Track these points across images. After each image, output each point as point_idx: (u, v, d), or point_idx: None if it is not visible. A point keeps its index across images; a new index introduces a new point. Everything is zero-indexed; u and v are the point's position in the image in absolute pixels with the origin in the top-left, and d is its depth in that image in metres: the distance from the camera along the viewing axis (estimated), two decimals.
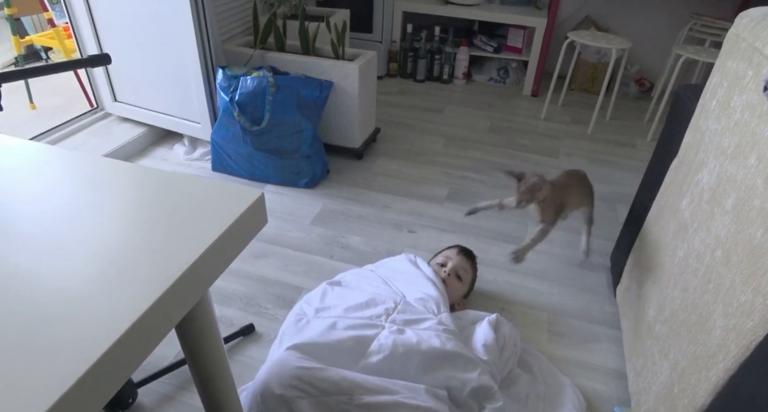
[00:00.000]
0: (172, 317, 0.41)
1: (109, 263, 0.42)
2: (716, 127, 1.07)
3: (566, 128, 2.79)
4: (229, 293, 1.56)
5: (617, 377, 1.33)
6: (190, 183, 0.53)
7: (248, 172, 2.13)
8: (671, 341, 1.03)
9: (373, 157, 2.39)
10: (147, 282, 0.40)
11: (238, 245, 0.48)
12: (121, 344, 0.35)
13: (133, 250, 0.44)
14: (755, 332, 0.75)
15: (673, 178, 1.25)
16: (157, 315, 0.38)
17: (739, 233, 0.87)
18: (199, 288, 0.44)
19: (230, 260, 0.47)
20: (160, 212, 0.49)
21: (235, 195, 0.49)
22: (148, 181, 0.53)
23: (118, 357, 0.36)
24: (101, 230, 0.46)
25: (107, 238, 0.45)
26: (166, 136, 2.45)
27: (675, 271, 1.09)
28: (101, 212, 0.49)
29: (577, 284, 1.66)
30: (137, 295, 0.39)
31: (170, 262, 0.41)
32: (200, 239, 0.43)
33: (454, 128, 2.72)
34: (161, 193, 0.52)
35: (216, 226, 0.45)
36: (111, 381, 0.36)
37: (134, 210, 0.49)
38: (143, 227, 0.47)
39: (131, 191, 0.52)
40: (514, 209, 1.45)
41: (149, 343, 0.39)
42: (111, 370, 0.35)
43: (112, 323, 0.36)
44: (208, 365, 0.59)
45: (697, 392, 0.86)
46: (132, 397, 1.22)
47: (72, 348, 0.35)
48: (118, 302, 0.38)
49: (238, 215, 0.46)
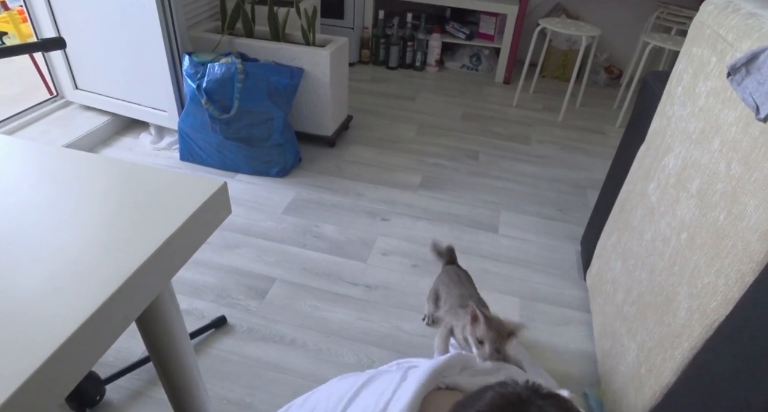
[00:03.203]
0: (129, 312, 0.39)
1: (64, 260, 0.40)
2: (682, 113, 1.09)
3: (538, 115, 2.81)
4: (200, 285, 1.53)
5: (587, 359, 1.36)
6: (150, 174, 0.51)
7: (218, 162, 2.08)
8: (639, 322, 1.05)
9: (345, 144, 2.36)
10: (102, 278, 0.38)
11: (200, 237, 0.46)
12: (72, 342, 0.34)
13: (89, 246, 0.42)
14: (718, 311, 0.77)
15: (641, 164, 1.28)
16: (112, 312, 0.37)
17: (703, 217, 0.88)
18: (158, 282, 0.42)
19: (191, 251, 0.46)
20: (119, 205, 0.47)
21: (197, 185, 0.47)
22: (107, 174, 0.51)
23: (71, 355, 0.34)
24: (59, 226, 0.44)
25: (64, 234, 0.43)
26: (131, 125, 2.37)
27: (643, 254, 1.11)
28: (59, 207, 0.46)
29: (548, 269, 1.68)
30: (91, 292, 0.37)
31: (126, 257, 0.39)
32: (159, 231, 0.42)
33: (426, 116, 2.72)
34: (120, 186, 0.50)
35: (175, 218, 0.43)
36: (65, 379, 0.35)
37: (92, 204, 0.47)
38: (101, 222, 0.45)
39: (90, 185, 0.50)
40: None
41: (105, 340, 0.37)
42: (64, 368, 0.34)
43: (63, 322, 0.34)
44: (172, 360, 0.57)
45: (663, 371, 0.89)
46: (99, 394, 1.19)
47: (21, 348, 0.33)
48: (70, 300, 0.36)
49: (198, 205, 0.44)
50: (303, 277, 1.59)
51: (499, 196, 2.06)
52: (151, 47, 1.97)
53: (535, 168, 2.29)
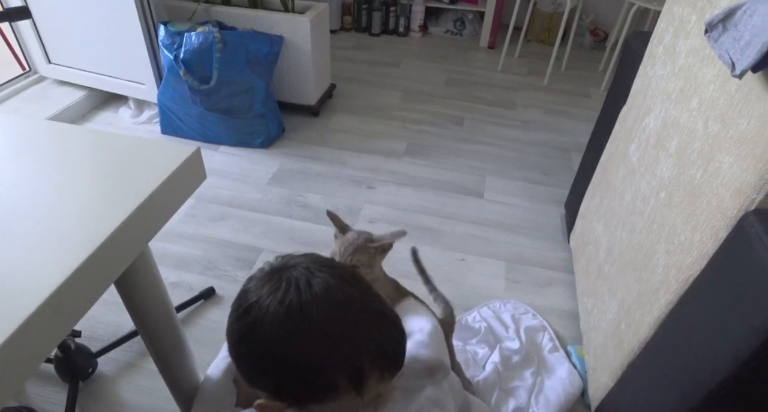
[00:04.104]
0: (106, 276, 0.40)
1: (37, 227, 0.40)
2: (662, 73, 1.08)
3: (523, 80, 2.79)
4: (187, 258, 1.54)
5: (570, 318, 1.39)
6: (122, 142, 0.50)
7: (200, 134, 2.05)
8: (619, 280, 1.08)
9: (329, 113, 2.34)
10: (76, 243, 0.38)
11: (175, 202, 0.46)
12: (48, 305, 0.34)
13: (62, 212, 0.42)
14: (693, 267, 0.79)
15: (623, 125, 1.28)
16: (88, 275, 0.37)
17: (680, 175, 0.90)
18: (134, 246, 0.42)
19: (166, 217, 0.46)
20: (91, 172, 0.46)
21: (170, 152, 0.47)
22: (79, 142, 0.50)
23: (48, 319, 0.34)
24: (30, 194, 0.44)
25: (36, 202, 0.43)
26: (109, 100, 2.32)
27: (623, 214, 1.13)
28: (30, 175, 0.46)
29: (533, 232, 1.71)
30: (66, 256, 0.37)
31: (100, 222, 0.39)
32: (132, 197, 0.42)
33: (411, 82, 2.69)
34: (93, 154, 0.49)
35: (149, 183, 0.43)
36: (43, 343, 0.35)
37: (65, 172, 0.46)
38: (74, 189, 0.44)
39: (62, 153, 0.49)
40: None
41: (82, 304, 0.38)
42: (41, 331, 0.34)
43: (38, 287, 0.35)
44: (157, 327, 0.58)
45: (641, 326, 0.91)
46: (91, 367, 1.20)
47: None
48: (45, 264, 0.37)
49: (171, 171, 0.44)
50: (290, 247, 1.60)
51: (485, 161, 2.07)
52: (124, 17, 1.91)
53: (520, 133, 2.29)
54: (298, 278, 0.54)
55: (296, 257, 0.59)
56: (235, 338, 0.56)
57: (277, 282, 0.54)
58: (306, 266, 0.56)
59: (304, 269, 0.56)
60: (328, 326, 0.53)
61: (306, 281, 0.54)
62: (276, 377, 0.55)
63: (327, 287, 0.54)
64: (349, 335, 0.54)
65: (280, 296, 0.53)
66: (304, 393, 0.56)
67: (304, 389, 0.55)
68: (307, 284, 0.54)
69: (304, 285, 0.54)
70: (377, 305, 0.59)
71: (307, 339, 0.53)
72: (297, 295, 0.53)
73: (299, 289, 0.53)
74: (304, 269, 0.56)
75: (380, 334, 0.56)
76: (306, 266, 0.56)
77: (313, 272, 0.55)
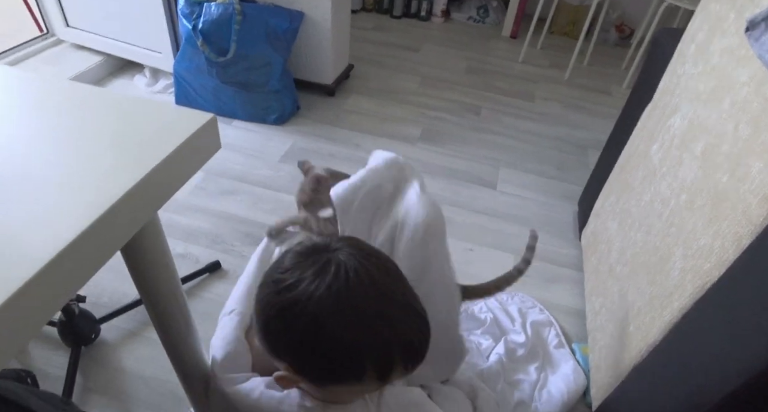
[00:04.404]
0: (114, 241, 0.39)
1: (46, 187, 0.39)
2: (693, 72, 1.05)
3: (543, 72, 2.75)
4: (195, 230, 1.53)
5: (576, 315, 1.38)
6: (138, 105, 0.49)
7: (214, 107, 2.03)
8: (630, 281, 1.06)
9: (345, 94, 2.31)
10: (85, 205, 0.37)
11: (188, 170, 0.45)
12: (55, 265, 0.33)
13: (72, 173, 0.41)
14: (711, 273, 0.77)
15: (646, 124, 1.25)
16: (96, 238, 0.36)
17: (705, 178, 0.87)
18: (143, 212, 0.41)
19: (178, 184, 0.45)
20: (104, 134, 0.45)
21: (185, 118, 0.45)
22: (94, 103, 0.49)
23: (53, 279, 0.34)
24: (41, 154, 0.42)
25: (46, 162, 0.42)
26: (125, 67, 2.30)
27: (640, 215, 1.11)
28: (41, 135, 0.45)
29: (544, 227, 1.69)
30: (75, 217, 0.36)
31: (111, 185, 0.38)
32: (144, 161, 0.41)
33: (430, 68, 2.65)
34: (107, 116, 0.48)
35: (162, 148, 0.42)
36: (47, 304, 0.34)
37: (77, 133, 0.45)
38: (85, 151, 0.43)
39: (75, 113, 0.48)
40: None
41: (89, 266, 0.37)
42: (46, 292, 0.33)
43: (44, 247, 0.34)
44: (160, 297, 0.58)
45: (650, 330, 0.90)
46: (95, 333, 1.21)
47: (2, 269, 0.33)
48: (53, 225, 0.36)
49: (186, 137, 0.43)
50: None
51: (500, 152, 2.04)
52: None
53: (538, 126, 2.25)
54: (347, 264, 0.55)
55: (338, 240, 0.60)
56: (271, 313, 0.56)
57: (324, 266, 0.55)
58: (351, 253, 0.57)
59: (349, 255, 0.56)
60: (368, 317, 0.55)
61: (354, 269, 0.55)
62: (305, 355, 0.56)
63: (372, 279, 0.56)
64: (386, 328, 0.56)
65: (329, 280, 0.53)
66: (330, 375, 0.57)
67: (332, 371, 0.57)
68: (355, 272, 0.55)
69: (352, 273, 0.54)
70: (412, 300, 0.60)
71: (347, 326, 0.54)
72: (345, 282, 0.54)
73: (348, 276, 0.54)
74: (350, 255, 0.56)
75: (411, 330, 0.58)
76: (351, 252, 0.57)
77: (359, 260, 0.56)
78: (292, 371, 0.59)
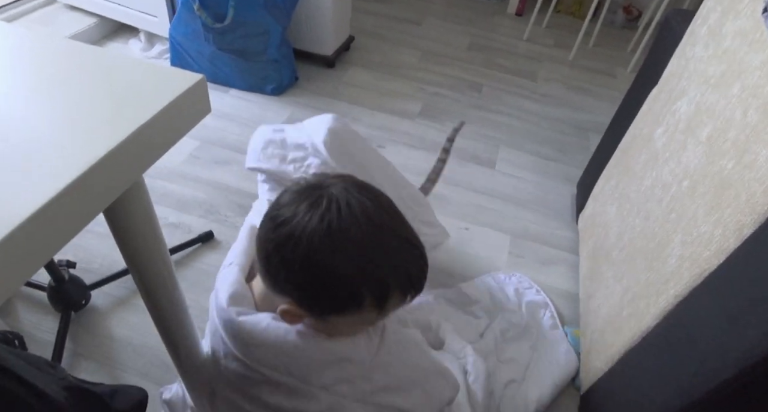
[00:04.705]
0: (99, 200, 0.37)
1: (29, 141, 0.37)
2: (703, 55, 1.02)
3: (548, 52, 2.70)
4: (189, 200, 1.51)
5: (569, 299, 1.38)
6: (126, 64, 0.47)
7: (211, 75, 1.99)
8: (626, 267, 1.05)
9: (345, 66, 2.26)
10: (69, 161, 0.35)
11: (176, 132, 0.43)
12: (34, 221, 0.32)
13: (56, 129, 0.39)
14: (710, 261, 0.76)
15: (651, 107, 1.23)
16: (79, 196, 0.35)
17: (709, 165, 0.86)
18: (129, 173, 0.40)
19: (166, 146, 0.43)
20: (91, 91, 0.43)
21: (174, 78, 0.43)
22: (82, 60, 0.47)
23: (33, 235, 0.33)
24: (26, 108, 0.40)
25: (30, 116, 0.40)
26: (119, 30, 2.24)
27: (640, 200, 1.09)
28: (27, 89, 0.42)
29: (541, 209, 1.67)
30: (53, 176, 0.34)
31: (96, 142, 0.37)
32: (131, 119, 0.39)
33: (431, 43, 2.59)
34: (95, 73, 0.45)
35: (150, 107, 0.40)
36: (27, 261, 0.33)
37: (63, 88, 0.43)
38: (71, 107, 0.41)
39: (61, 69, 0.45)
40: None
41: (71, 225, 0.36)
42: (27, 246, 0.32)
43: (24, 202, 0.32)
44: (146, 263, 0.56)
45: (644, 317, 0.89)
46: (85, 299, 1.20)
47: None
48: (31, 183, 0.34)
49: (174, 97, 0.41)
50: None
51: (500, 131, 2.01)
52: None
53: (539, 106, 2.22)
54: (338, 197, 0.57)
55: (332, 176, 0.61)
56: (270, 248, 0.58)
57: (317, 199, 0.57)
58: (344, 187, 0.59)
59: (342, 189, 0.58)
60: (361, 246, 0.56)
61: (346, 201, 0.57)
62: (304, 287, 0.58)
63: (364, 210, 0.57)
64: (380, 257, 0.58)
65: (321, 213, 0.55)
66: (329, 304, 0.60)
67: (330, 300, 0.59)
68: (347, 205, 0.56)
69: (344, 205, 0.56)
70: (406, 232, 0.62)
71: (340, 256, 0.56)
72: (337, 214, 0.55)
73: (339, 208, 0.56)
74: (342, 189, 0.58)
75: (407, 259, 0.60)
76: (344, 186, 0.59)
77: (352, 193, 0.58)
78: (294, 305, 0.60)
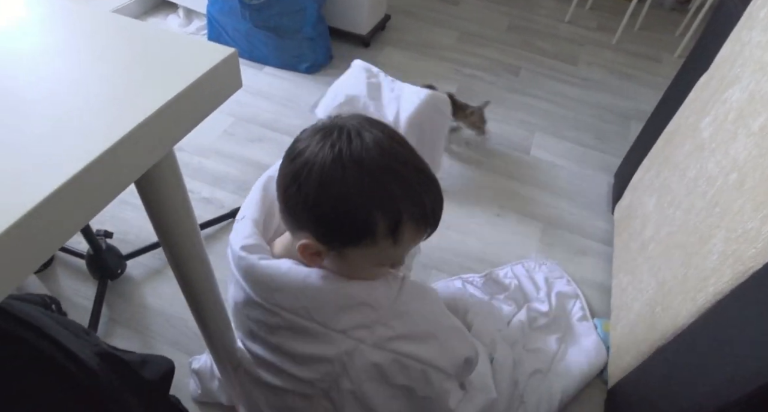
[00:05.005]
0: (130, 170, 0.38)
1: (63, 109, 0.38)
2: (760, 40, 0.96)
3: (590, 34, 2.60)
4: (222, 175, 1.53)
5: (601, 290, 1.35)
6: (159, 36, 0.47)
7: (246, 51, 1.99)
8: (663, 261, 1.02)
9: (380, 46, 2.23)
10: (97, 131, 0.36)
11: (206, 105, 0.43)
12: (70, 186, 0.33)
13: (90, 98, 0.39)
14: (755, 259, 0.73)
15: (699, 95, 1.17)
16: (112, 163, 0.35)
17: (760, 157, 0.81)
18: (160, 145, 0.40)
19: (197, 119, 0.43)
20: (123, 62, 0.44)
21: (205, 50, 0.43)
22: (117, 32, 0.47)
23: (69, 199, 0.34)
24: (62, 77, 0.41)
25: (66, 85, 0.40)
26: (159, 6, 2.26)
27: (682, 192, 1.05)
28: (63, 59, 0.43)
29: (576, 197, 1.63)
30: (84, 145, 0.35)
31: (128, 112, 0.37)
32: (163, 91, 0.39)
33: (469, 23, 2.53)
34: (129, 44, 0.46)
35: (181, 80, 0.40)
36: (62, 224, 0.33)
37: (97, 59, 0.43)
38: (105, 78, 0.42)
39: (98, 40, 0.46)
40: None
41: (104, 193, 0.36)
42: (63, 209, 0.33)
43: (59, 168, 0.33)
44: (178, 237, 0.57)
45: (680, 313, 0.86)
46: (121, 268, 1.24)
47: (19, 185, 0.32)
48: (63, 151, 0.34)
49: (205, 70, 0.41)
50: None
51: (536, 116, 1.96)
52: None
53: (579, 91, 2.15)
54: (350, 129, 0.59)
55: (347, 116, 0.63)
56: (287, 180, 0.60)
57: (330, 131, 0.59)
58: (358, 121, 0.61)
59: (356, 123, 0.60)
60: (373, 173, 0.57)
61: (357, 131, 0.59)
62: (320, 216, 0.59)
63: (376, 140, 0.58)
64: (392, 183, 0.58)
65: (332, 142, 0.57)
66: (344, 233, 0.60)
67: (346, 228, 0.59)
68: (358, 134, 0.58)
69: (354, 135, 0.58)
70: (419, 163, 0.62)
71: (351, 180, 0.56)
72: (348, 143, 0.57)
73: (350, 138, 0.58)
74: (357, 123, 0.60)
75: (421, 189, 0.60)
76: (358, 121, 0.61)
77: (365, 125, 0.60)
78: (313, 239, 0.61)
